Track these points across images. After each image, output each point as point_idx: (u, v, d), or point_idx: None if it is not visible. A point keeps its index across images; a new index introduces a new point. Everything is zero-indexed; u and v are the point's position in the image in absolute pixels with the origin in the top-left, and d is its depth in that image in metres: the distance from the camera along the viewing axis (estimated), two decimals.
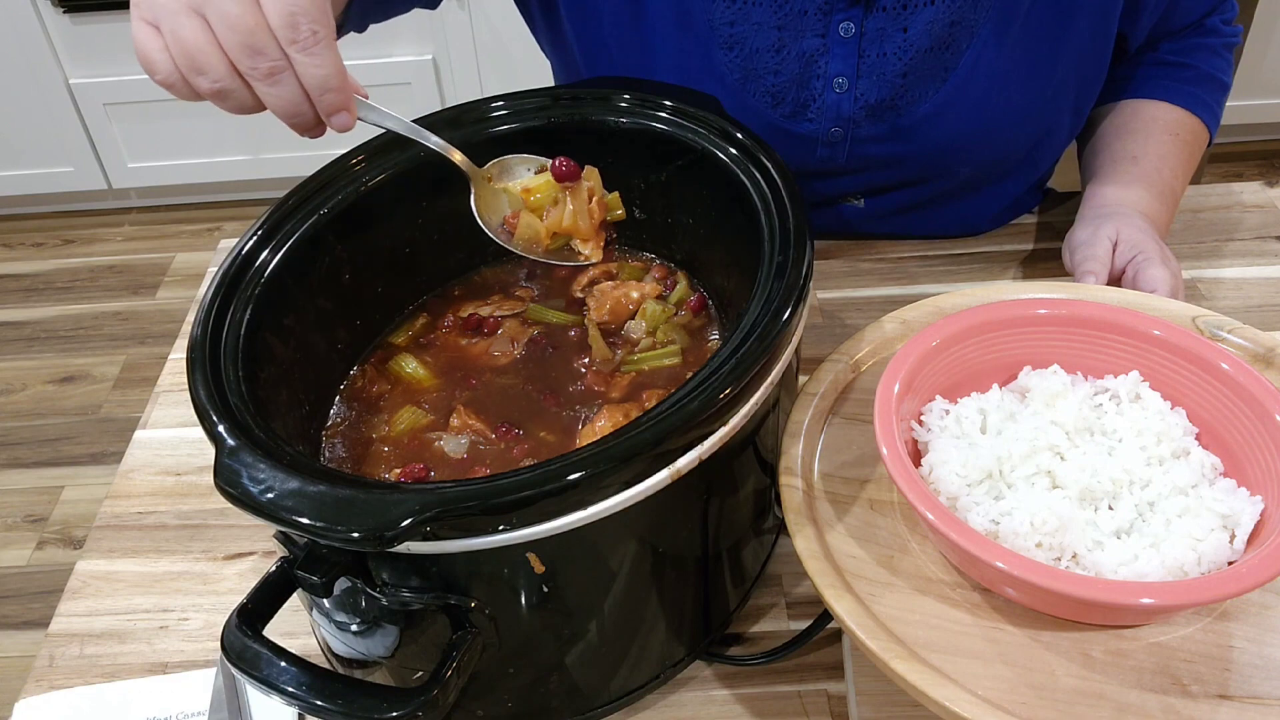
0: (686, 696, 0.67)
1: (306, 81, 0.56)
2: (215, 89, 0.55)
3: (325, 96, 0.56)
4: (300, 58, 0.55)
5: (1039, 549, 0.54)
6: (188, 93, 0.55)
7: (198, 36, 0.53)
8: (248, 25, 0.53)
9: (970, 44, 0.85)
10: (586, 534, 0.52)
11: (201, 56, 0.53)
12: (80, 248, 2.53)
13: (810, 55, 0.86)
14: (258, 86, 0.55)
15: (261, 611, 0.53)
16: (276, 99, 0.56)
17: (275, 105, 0.56)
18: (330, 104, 0.57)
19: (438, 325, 0.77)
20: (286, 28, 0.54)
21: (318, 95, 0.56)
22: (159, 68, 0.55)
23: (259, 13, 0.53)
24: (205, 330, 0.60)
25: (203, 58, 0.53)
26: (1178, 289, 0.79)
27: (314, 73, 0.55)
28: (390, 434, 0.69)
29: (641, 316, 0.75)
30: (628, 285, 0.78)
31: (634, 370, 0.72)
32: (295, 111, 0.57)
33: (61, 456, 2.03)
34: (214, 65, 0.54)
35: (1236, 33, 0.97)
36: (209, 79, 0.54)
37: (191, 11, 0.53)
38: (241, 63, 0.54)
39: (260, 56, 0.54)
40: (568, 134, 0.75)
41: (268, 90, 0.55)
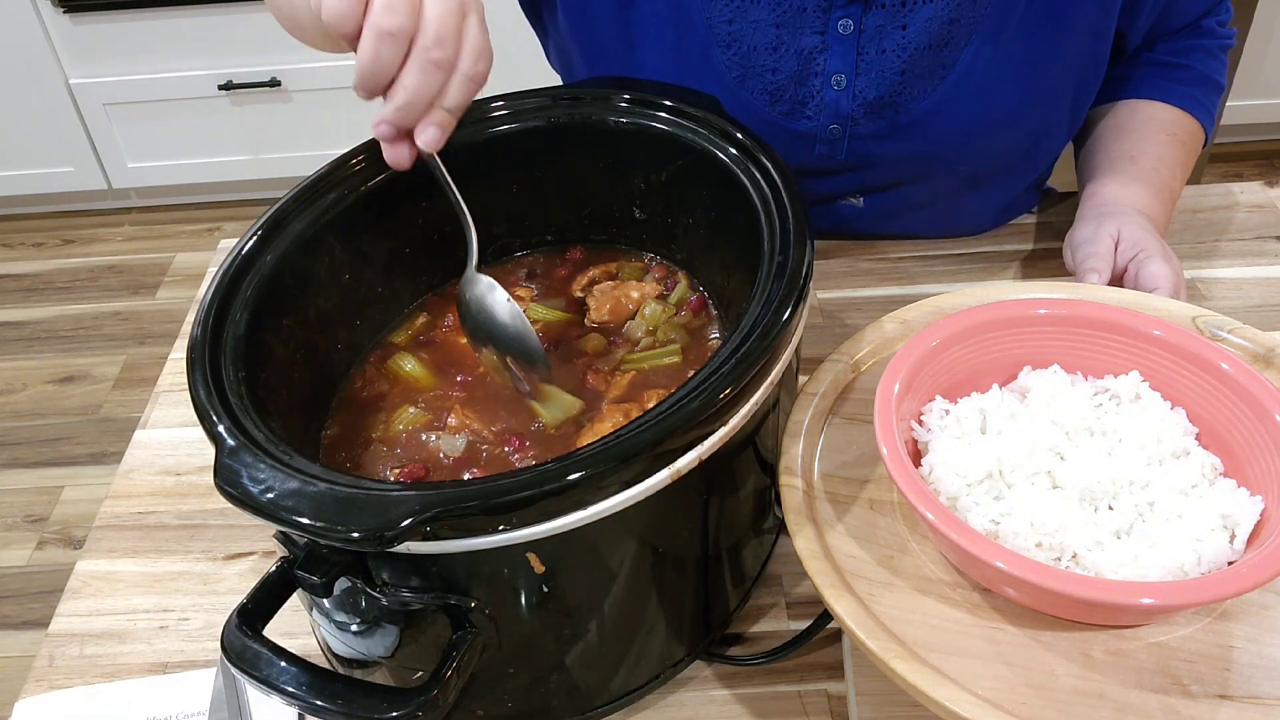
0: (686, 696, 0.67)
1: (449, 97, 0.61)
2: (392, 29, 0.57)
3: (444, 115, 0.61)
4: (460, 82, 0.60)
5: (1039, 549, 0.54)
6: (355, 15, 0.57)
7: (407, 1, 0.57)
8: (454, 24, 0.59)
9: (969, 42, 0.85)
10: (586, 534, 0.52)
11: (401, 6, 0.57)
12: (80, 248, 2.53)
13: (809, 53, 0.86)
14: (413, 63, 0.59)
15: (261, 611, 0.53)
16: (417, 84, 0.59)
17: (411, 86, 0.59)
18: (443, 120, 0.62)
19: (438, 324, 0.77)
20: (474, 54, 0.60)
21: (441, 110, 0.61)
22: None
23: (462, 25, 0.59)
24: (205, 330, 0.60)
25: (402, 8, 0.57)
26: (1179, 286, 0.79)
27: (458, 95, 0.61)
28: (389, 433, 0.69)
29: (641, 316, 0.75)
30: (628, 285, 0.78)
31: (634, 369, 0.72)
32: (416, 104, 0.60)
33: (61, 456, 2.03)
34: (406, 14, 0.57)
35: (1231, 35, 0.97)
36: (395, 19, 0.57)
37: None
38: (425, 37, 0.58)
39: (440, 47, 0.58)
40: (568, 134, 0.75)
41: (419, 72, 0.59)
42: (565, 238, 0.83)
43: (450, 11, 0.59)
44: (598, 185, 0.79)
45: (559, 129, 0.75)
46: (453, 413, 0.69)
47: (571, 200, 0.81)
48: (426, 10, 0.58)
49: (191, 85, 2.35)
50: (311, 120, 2.41)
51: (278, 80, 2.34)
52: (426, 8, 0.58)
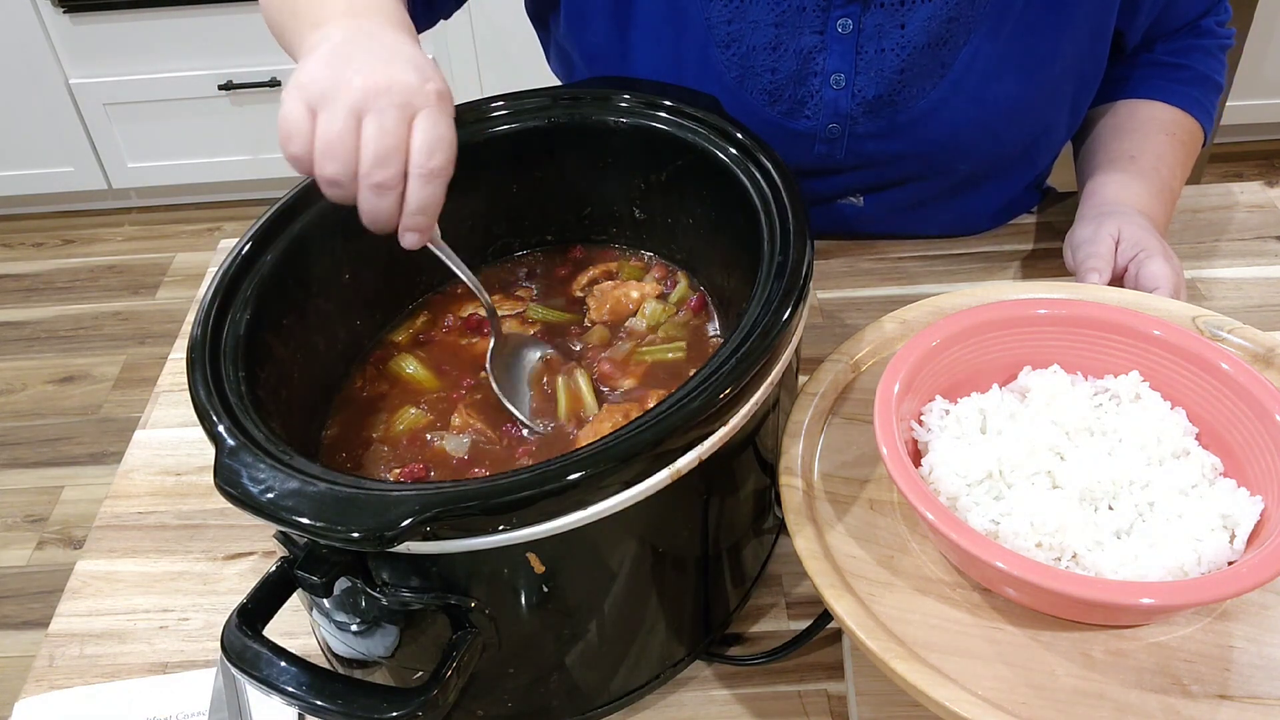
0: (686, 696, 0.67)
1: (409, 202, 0.59)
2: (332, 177, 0.59)
3: (414, 218, 0.60)
4: (417, 184, 0.59)
5: (1039, 549, 0.54)
6: (305, 167, 0.60)
7: (345, 134, 0.58)
8: (391, 141, 0.58)
9: (968, 40, 0.85)
10: (586, 534, 0.52)
11: (339, 149, 0.58)
12: (80, 248, 2.53)
13: (808, 52, 0.86)
14: (361, 191, 0.59)
15: (261, 611, 0.53)
16: (372, 207, 0.60)
17: (366, 210, 0.60)
18: (414, 224, 0.61)
19: (438, 324, 0.77)
20: (423, 154, 0.58)
21: (409, 215, 0.60)
22: (298, 145, 0.59)
23: (407, 137, 0.58)
24: (205, 330, 0.60)
25: (339, 150, 0.58)
26: (1180, 286, 0.79)
27: (419, 198, 0.59)
28: (390, 434, 0.69)
29: (642, 316, 0.75)
30: (628, 285, 0.78)
31: (646, 359, 0.72)
32: (380, 222, 0.60)
33: (61, 456, 2.03)
34: (344, 158, 0.58)
35: (1230, 34, 0.98)
36: (333, 166, 0.58)
37: (353, 114, 0.58)
38: (364, 165, 0.58)
39: (383, 169, 0.58)
40: (568, 134, 0.75)
41: (370, 198, 0.59)
42: (565, 238, 0.83)
43: (389, 129, 0.58)
44: (598, 185, 0.79)
45: (559, 129, 0.75)
46: (456, 413, 0.69)
47: (571, 200, 0.81)
48: (365, 132, 0.58)
49: (191, 85, 2.35)
50: None
51: (278, 80, 2.34)
52: (366, 130, 0.58)
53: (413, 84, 0.59)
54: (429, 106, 0.59)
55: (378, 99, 0.58)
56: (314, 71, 0.59)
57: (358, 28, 0.63)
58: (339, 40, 0.61)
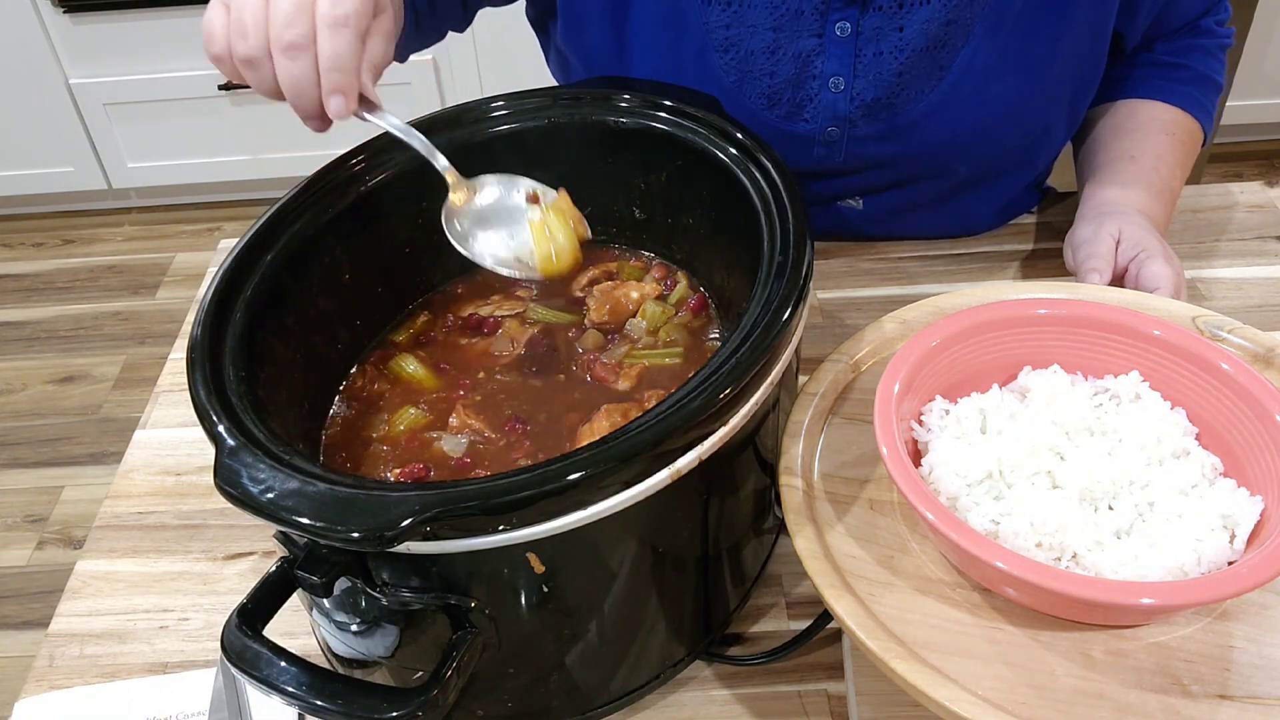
0: (686, 696, 0.67)
1: (321, 57, 0.59)
2: (247, 55, 0.59)
3: (330, 75, 0.59)
4: (325, 34, 0.58)
5: (1039, 549, 0.54)
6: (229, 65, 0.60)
7: (255, 11, 0.59)
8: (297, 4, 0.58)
9: (966, 42, 0.85)
10: (586, 534, 0.52)
11: (249, 24, 0.59)
12: (80, 248, 2.53)
13: (806, 55, 0.86)
14: (278, 60, 0.59)
15: (261, 611, 0.53)
16: (287, 73, 0.59)
17: (285, 79, 0.60)
18: (333, 83, 0.60)
19: (438, 324, 0.77)
20: (329, 4, 0.58)
21: (324, 72, 0.59)
22: (216, 39, 0.60)
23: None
24: (205, 330, 0.60)
25: (249, 25, 0.59)
26: (1180, 286, 0.79)
27: (328, 48, 0.59)
28: (389, 433, 0.69)
29: (642, 316, 0.75)
30: (628, 285, 0.78)
31: (641, 362, 0.72)
32: (299, 90, 0.60)
33: (61, 456, 2.03)
34: (254, 33, 0.59)
35: (1229, 34, 0.98)
36: (246, 44, 0.59)
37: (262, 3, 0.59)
38: (274, 31, 0.58)
39: (291, 28, 0.58)
40: (568, 134, 0.75)
41: (285, 64, 0.59)
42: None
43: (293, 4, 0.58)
44: (598, 185, 0.79)
45: (559, 129, 0.75)
46: (454, 413, 0.69)
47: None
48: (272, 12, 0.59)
49: (191, 85, 2.35)
50: None
51: None
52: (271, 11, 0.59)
53: None
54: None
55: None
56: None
57: None
58: None
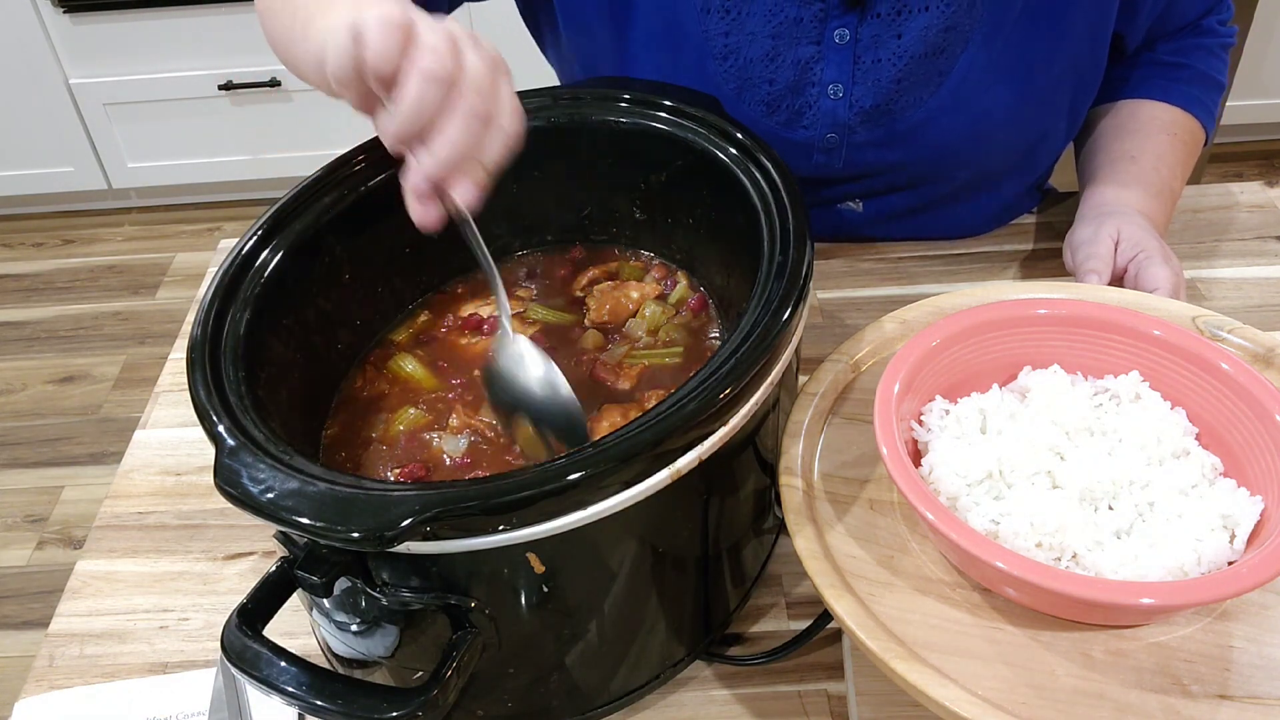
0: (686, 696, 0.67)
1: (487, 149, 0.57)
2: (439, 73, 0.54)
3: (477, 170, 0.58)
4: (498, 135, 0.58)
5: (1039, 549, 0.54)
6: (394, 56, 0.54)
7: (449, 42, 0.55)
8: (489, 80, 0.57)
9: (965, 49, 0.85)
10: (586, 534, 0.52)
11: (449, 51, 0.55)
12: (80, 248, 2.53)
13: (805, 63, 0.86)
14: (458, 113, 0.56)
15: (261, 611, 0.53)
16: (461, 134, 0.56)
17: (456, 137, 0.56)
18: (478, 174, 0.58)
19: (438, 324, 0.77)
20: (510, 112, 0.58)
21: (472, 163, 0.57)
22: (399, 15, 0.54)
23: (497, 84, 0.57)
24: (205, 330, 0.60)
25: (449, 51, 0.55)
26: (1179, 287, 0.79)
27: (495, 150, 0.58)
28: (389, 433, 0.69)
29: (641, 316, 0.75)
30: (627, 285, 0.78)
31: (641, 363, 0.72)
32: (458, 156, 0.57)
33: (61, 456, 2.03)
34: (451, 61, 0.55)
35: (1232, 33, 0.97)
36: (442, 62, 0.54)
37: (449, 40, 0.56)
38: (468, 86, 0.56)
39: (484, 100, 0.56)
40: (568, 134, 0.75)
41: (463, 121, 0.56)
42: (565, 238, 0.83)
43: (488, 67, 0.57)
44: (598, 185, 0.79)
45: (559, 129, 0.75)
46: (454, 413, 0.69)
47: (571, 200, 0.81)
48: (467, 61, 0.56)
49: (191, 85, 2.35)
50: (311, 120, 2.40)
51: (278, 80, 2.34)
52: (467, 58, 0.56)
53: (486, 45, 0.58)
54: (507, 75, 0.59)
55: (470, 42, 0.57)
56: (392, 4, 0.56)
57: None
58: None
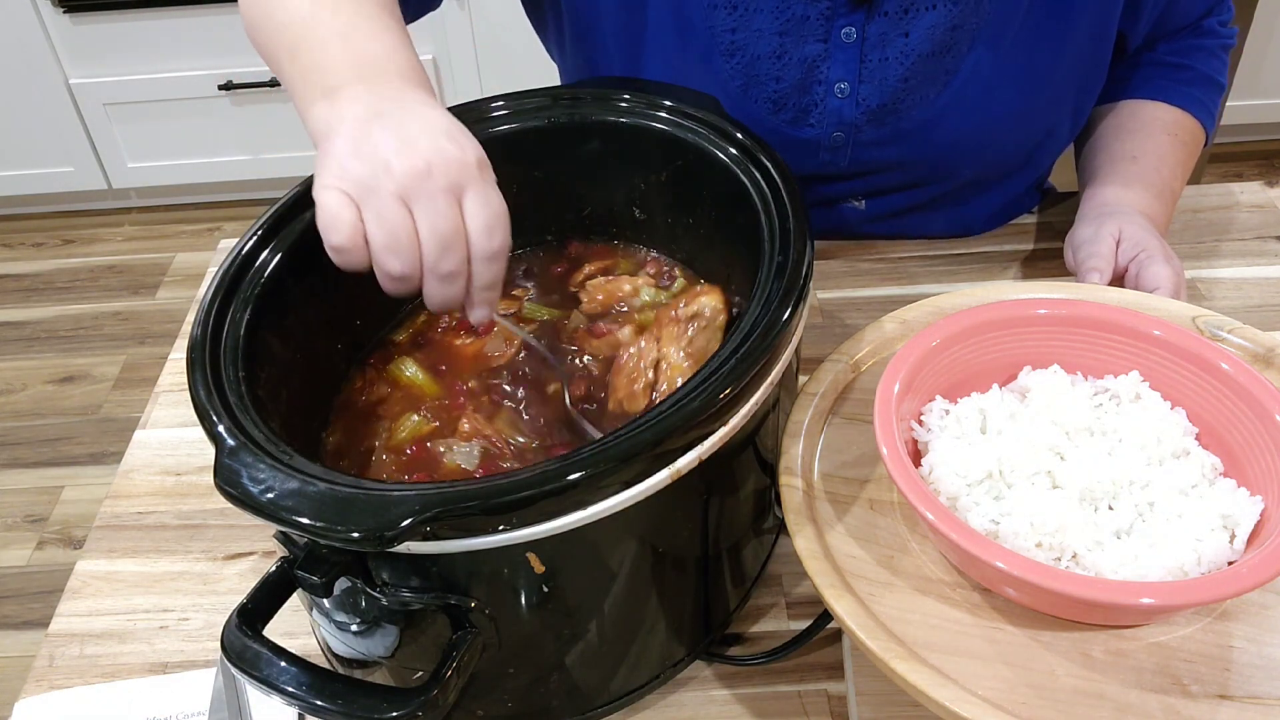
0: (686, 696, 0.67)
1: (477, 282, 0.59)
2: (401, 274, 0.57)
3: (483, 294, 0.60)
4: (482, 267, 0.58)
5: (1039, 549, 0.54)
6: (360, 260, 0.57)
7: (404, 224, 0.56)
8: (451, 227, 0.56)
9: (971, 48, 0.85)
10: (586, 534, 0.52)
11: (403, 241, 0.56)
12: (80, 248, 2.53)
13: (811, 61, 0.86)
14: (429, 281, 0.58)
15: (261, 611, 0.53)
16: (441, 294, 0.59)
17: (436, 298, 0.59)
18: (483, 300, 0.60)
19: (435, 324, 0.77)
20: (483, 236, 0.57)
21: (478, 293, 0.60)
22: (343, 236, 0.56)
23: (460, 217, 0.57)
24: (205, 330, 0.60)
25: (404, 243, 0.56)
26: (1180, 287, 0.79)
27: (485, 278, 0.59)
28: (391, 441, 0.68)
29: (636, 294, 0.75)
30: (621, 279, 0.78)
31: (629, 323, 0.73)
32: (450, 305, 0.60)
33: (61, 456, 2.03)
34: (408, 252, 0.56)
35: (1232, 34, 0.97)
36: (400, 262, 0.56)
37: (400, 201, 0.55)
38: (431, 257, 0.57)
39: (450, 257, 0.57)
40: (568, 134, 0.75)
41: (437, 286, 0.58)
42: (565, 237, 0.83)
43: (444, 214, 0.56)
44: (598, 185, 0.79)
45: (559, 129, 0.75)
46: (465, 418, 0.69)
47: (571, 200, 0.81)
48: (421, 226, 0.56)
49: (191, 85, 2.35)
50: None
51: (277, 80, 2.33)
52: (420, 223, 0.56)
53: (453, 159, 0.57)
54: (474, 181, 0.57)
55: (423, 184, 0.55)
56: (345, 162, 0.56)
57: (375, 98, 0.59)
58: (359, 117, 0.58)
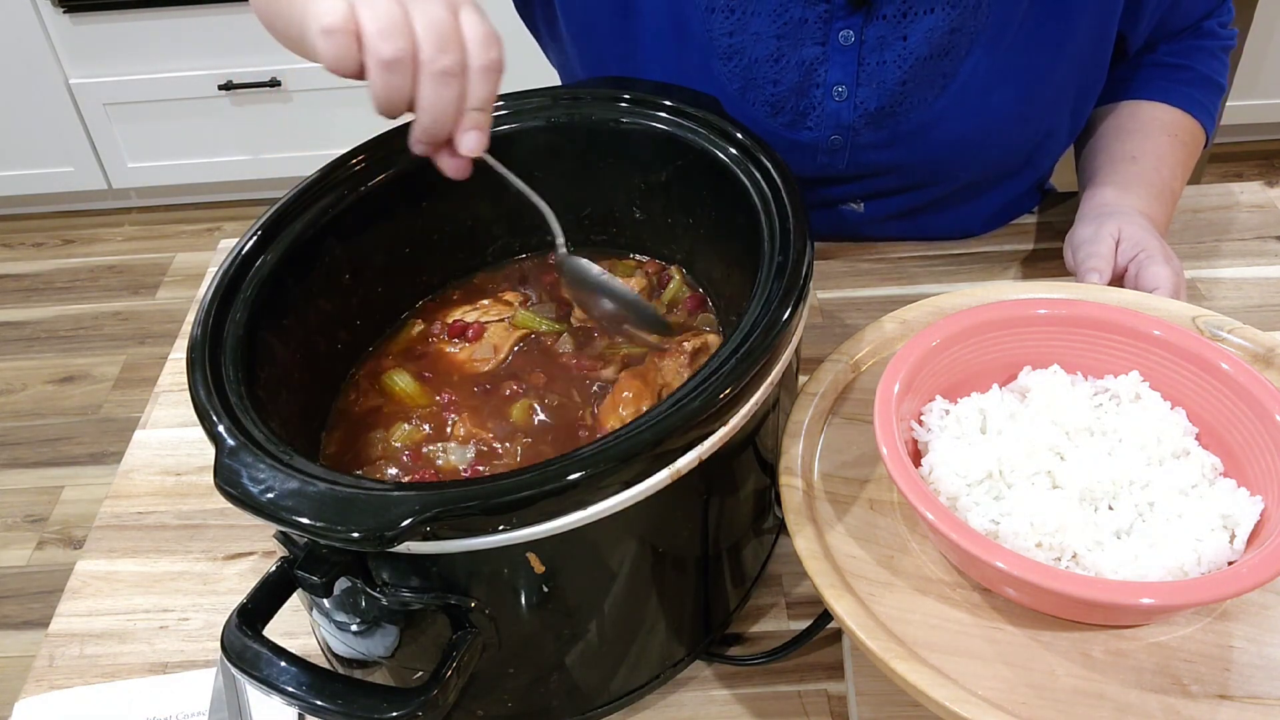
0: (686, 696, 0.67)
1: (471, 96, 0.58)
2: (394, 57, 0.55)
3: (474, 114, 0.59)
4: (478, 78, 0.57)
5: (1039, 549, 0.54)
6: (353, 56, 0.55)
7: (400, 14, 0.55)
8: (448, 26, 0.56)
9: (970, 51, 0.85)
10: (586, 534, 0.52)
11: (398, 28, 0.55)
12: (80, 248, 2.53)
13: (810, 64, 0.86)
14: (424, 81, 0.56)
15: (261, 611, 0.53)
16: (434, 99, 0.57)
17: (429, 104, 0.57)
18: (474, 121, 0.59)
19: (428, 333, 0.76)
20: (480, 45, 0.57)
21: (468, 110, 0.58)
22: (338, 17, 0.55)
23: (458, 24, 0.56)
24: (205, 330, 0.60)
25: (398, 29, 0.55)
26: (1180, 287, 0.79)
27: (481, 92, 0.58)
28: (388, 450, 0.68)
29: None
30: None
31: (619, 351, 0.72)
32: (441, 118, 0.58)
33: (61, 456, 2.03)
34: (403, 36, 0.55)
35: (1232, 36, 0.97)
36: (393, 46, 0.55)
37: (398, 3, 0.55)
38: (426, 51, 0.55)
39: (445, 54, 0.56)
40: (568, 134, 0.75)
41: (432, 87, 0.56)
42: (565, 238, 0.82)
43: (441, 17, 0.56)
44: (598, 185, 0.79)
45: (559, 129, 0.75)
46: (460, 422, 0.69)
47: (571, 201, 0.80)
48: (417, 23, 0.56)
49: (191, 85, 2.35)
50: (311, 120, 2.41)
51: (278, 80, 2.34)
52: (416, 21, 0.56)
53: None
54: (466, 3, 0.57)
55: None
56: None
57: None
58: None
